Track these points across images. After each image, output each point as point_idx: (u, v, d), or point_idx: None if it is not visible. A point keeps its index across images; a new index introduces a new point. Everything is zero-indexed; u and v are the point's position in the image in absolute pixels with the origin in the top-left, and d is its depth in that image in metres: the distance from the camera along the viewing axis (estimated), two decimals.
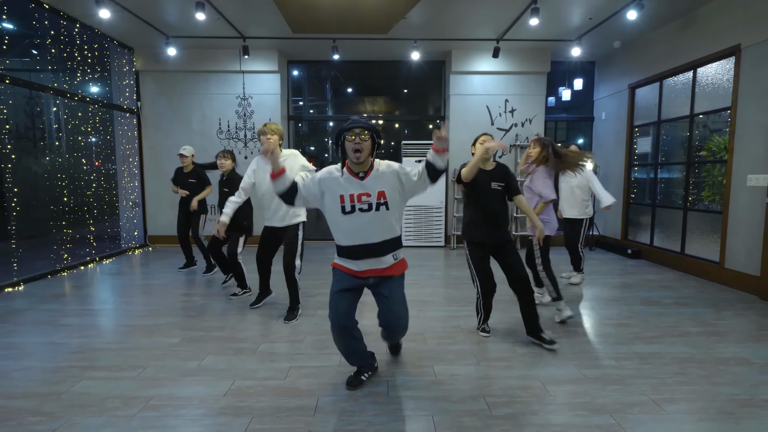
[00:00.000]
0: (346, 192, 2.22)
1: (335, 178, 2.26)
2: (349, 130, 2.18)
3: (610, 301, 4.10)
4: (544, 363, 2.76)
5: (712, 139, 5.26)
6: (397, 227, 2.35)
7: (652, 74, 5.96)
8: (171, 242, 7.17)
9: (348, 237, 2.28)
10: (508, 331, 3.32)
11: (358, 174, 2.24)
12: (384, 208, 2.23)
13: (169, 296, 4.25)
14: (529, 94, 7.05)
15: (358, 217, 2.22)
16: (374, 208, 2.22)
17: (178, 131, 7.03)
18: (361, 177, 2.24)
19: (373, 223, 2.24)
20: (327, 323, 3.38)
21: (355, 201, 2.21)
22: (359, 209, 2.22)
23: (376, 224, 2.24)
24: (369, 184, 2.23)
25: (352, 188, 2.22)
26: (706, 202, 5.35)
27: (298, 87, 8.14)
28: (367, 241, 2.26)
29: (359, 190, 2.22)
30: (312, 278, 4.78)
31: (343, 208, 2.23)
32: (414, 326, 3.39)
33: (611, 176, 6.99)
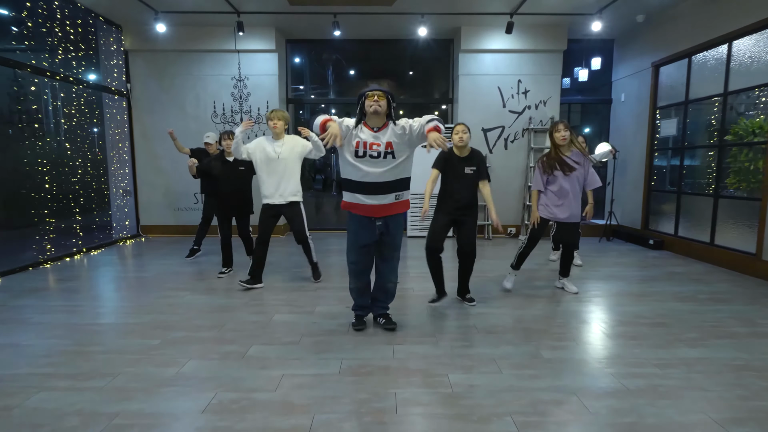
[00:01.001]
0: (361, 139, 2.64)
1: (356, 129, 2.67)
2: (368, 92, 2.62)
3: (640, 297, 3.72)
4: (576, 370, 2.39)
5: (739, 122, 4.83)
6: (404, 172, 2.74)
7: (680, 50, 5.49)
8: (165, 232, 6.83)
9: (360, 175, 2.66)
10: (527, 331, 2.94)
11: (373, 128, 2.66)
12: (390, 156, 2.63)
13: (155, 290, 3.91)
14: (543, 74, 6.59)
15: (367, 161, 2.63)
16: (382, 156, 2.62)
17: (171, 115, 6.63)
18: (375, 130, 2.65)
19: (380, 166, 2.63)
20: (327, 323, 3.06)
21: (366, 148, 2.62)
22: (369, 155, 2.62)
23: (383, 167, 2.64)
24: (380, 135, 2.64)
25: (365, 137, 2.64)
26: (731, 189, 4.93)
27: (300, 74, 7.73)
28: (376, 180, 2.64)
29: (371, 139, 2.63)
30: (307, 280, 4.42)
31: (356, 152, 2.63)
32: (424, 326, 3.02)
33: (631, 161, 6.55)
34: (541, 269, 4.71)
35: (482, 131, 6.68)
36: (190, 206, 6.76)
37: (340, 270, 4.63)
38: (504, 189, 6.70)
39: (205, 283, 4.14)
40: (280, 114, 3.76)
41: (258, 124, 6.61)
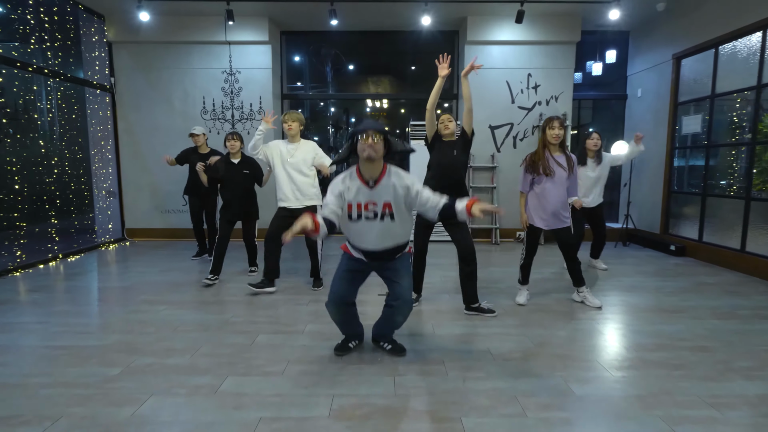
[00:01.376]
0: (354, 200, 2.25)
1: (347, 186, 2.27)
2: (362, 132, 2.17)
3: (672, 314, 3.29)
4: (616, 412, 1.96)
5: (764, 118, 4.42)
6: (405, 235, 2.38)
7: (705, 40, 5.07)
8: (152, 236, 6.42)
9: (356, 239, 2.35)
10: (551, 358, 2.52)
11: (368, 182, 2.24)
12: (389, 219, 2.26)
13: (128, 303, 3.49)
14: (555, 68, 6.17)
15: (363, 224, 2.27)
16: (379, 218, 2.25)
17: (158, 111, 6.23)
18: (371, 185, 2.24)
19: (378, 230, 2.27)
20: (318, 346, 2.62)
21: (362, 210, 2.25)
22: (365, 217, 2.25)
23: (382, 232, 2.28)
24: (377, 192, 2.24)
25: (360, 196, 2.25)
26: (755, 191, 4.53)
27: (296, 68, 7.34)
28: (373, 247, 2.31)
29: (366, 198, 2.24)
30: (298, 293, 4.00)
31: (350, 216, 2.27)
32: (429, 348, 2.60)
33: (649, 161, 6.12)
34: (558, 279, 4.28)
35: (489, 128, 6.26)
36: (178, 208, 6.34)
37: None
38: (512, 190, 6.26)
39: (185, 295, 3.73)
40: (295, 116, 3.69)
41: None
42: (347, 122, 9.32)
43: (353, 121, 9.56)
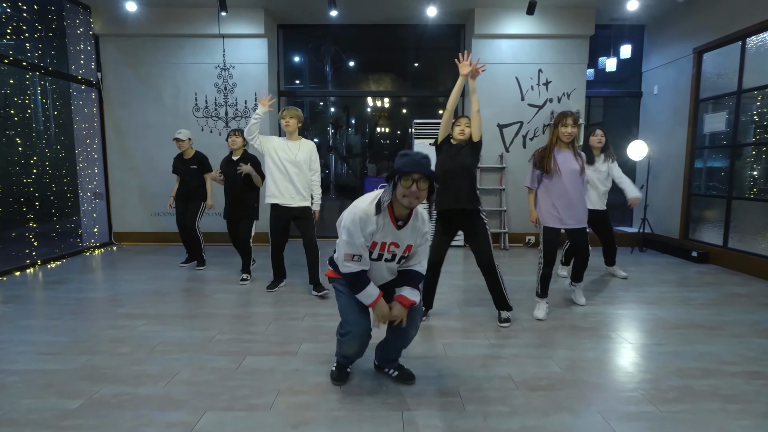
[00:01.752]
0: (379, 240, 1.95)
1: (380, 225, 1.92)
2: (407, 175, 1.80)
3: (710, 330, 2.94)
4: None
5: None
6: None
7: (731, 32, 4.73)
8: (141, 240, 6.08)
9: None
10: (584, 387, 2.17)
11: (398, 221, 1.95)
12: (403, 261, 2.08)
13: (105, 317, 3.15)
14: (567, 63, 5.84)
15: (379, 265, 2.04)
16: (396, 260, 2.04)
17: (148, 108, 5.89)
18: (400, 226, 1.96)
19: (389, 270, 2.08)
20: (312, 371, 2.16)
21: (385, 250, 1.98)
22: (384, 258, 2.02)
23: (392, 271, 2.10)
24: (403, 234, 1.98)
25: (386, 236, 1.95)
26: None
27: (298, 71, 7.03)
28: (379, 283, 2.08)
29: (392, 239, 1.97)
30: (294, 304, 3.67)
31: (370, 254, 1.98)
32: (441, 374, 2.25)
33: (667, 162, 5.78)
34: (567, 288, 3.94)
35: (497, 127, 5.92)
36: (168, 211, 5.99)
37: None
38: (522, 192, 5.93)
39: (169, 307, 3.38)
40: (293, 112, 3.55)
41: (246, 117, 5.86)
42: (347, 122, 8.98)
43: (353, 122, 9.23)
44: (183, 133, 4.49)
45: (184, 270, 4.61)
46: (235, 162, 4.05)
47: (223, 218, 4.39)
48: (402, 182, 1.80)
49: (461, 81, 2.85)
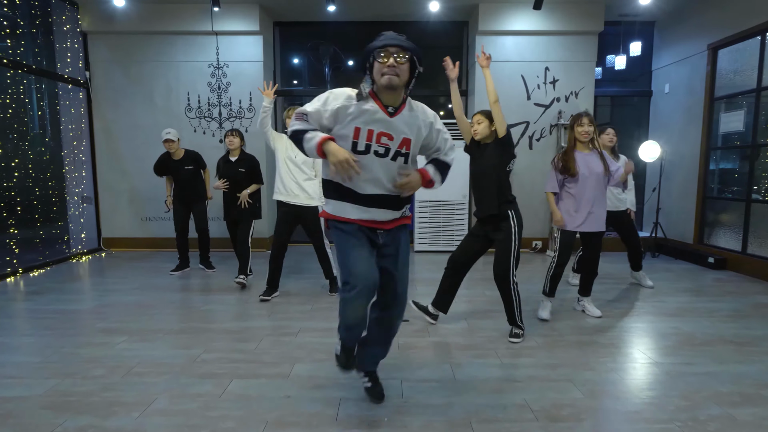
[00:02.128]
0: (365, 125, 1.68)
1: (354, 106, 1.68)
2: (382, 48, 1.64)
3: (740, 347, 2.69)
4: None
5: None
6: None
7: (748, 27, 4.50)
8: (131, 246, 5.83)
9: (358, 180, 1.72)
10: (610, 415, 1.92)
11: (387, 108, 1.70)
12: (402, 160, 1.77)
13: (83, 333, 2.90)
14: (575, 61, 5.61)
15: (370, 160, 1.72)
16: (390, 156, 1.73)
17: (139, 108, 5.66)
18: (391, 113, 1.70)
19: (384, 172, 1.74)
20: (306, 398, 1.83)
21: (372, 140, 1.70)
22: (374, 151, 1.71)
23: (387, 175, 1.75)
24: (396, 124, 1.71)
25: (374, 123, 1.69)
26: None
27: (296, 72, 6.84)
28: (371, 191, 1.75)
29: (382, 127, 1.70)
30: (288, 318, 3.43)
31: (355, 145, 1.70)
32: (450, 401, 1.99)
33: (680, 164, 5.54)
34: (595, 299, 3.69)
35: None
36: (160, 215, 5.76)
37: (332, 301, 3.63)
38: (528, 195, 5.69)
39: (153, 321, 3.13)
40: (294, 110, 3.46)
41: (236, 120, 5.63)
42: None
43: None
44: (172, 133, 4.27)
45: (174, 278, 4.36)
46: (233, 162, 4.04)
47: (222, 219, 4.35)
48: (380, 60, 1.63)
49: (454, 87, 2.77)
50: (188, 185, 4.42)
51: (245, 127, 5.64)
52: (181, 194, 4.44)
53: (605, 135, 3.89)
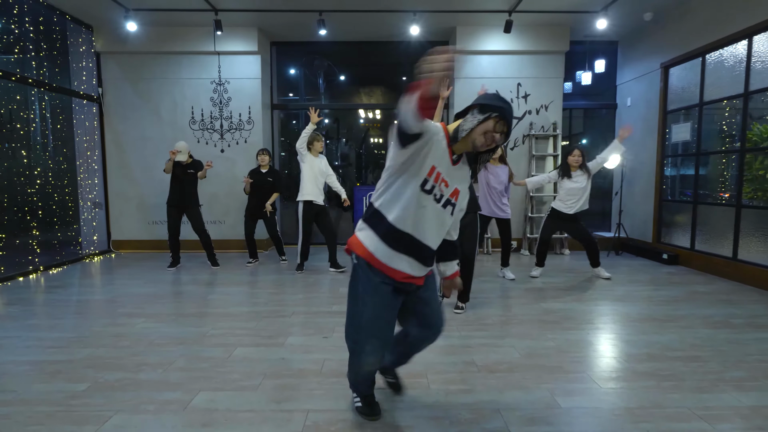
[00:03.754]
0: (436, 165, 1.61)
1: (439, 142, 1.61)
2: (501, 116, 1.57)
3: (664, 323, 3.21)
4: (604, 425, 1.88)
5: (752, 127, 4.43)
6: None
7: (692, 49, 5.09)
8: (139, 248, 6.31)
9: (412, 223, 1.64)
10: (538, 370, 2.43)
11: (453, 155, 1.65)
12: (450, 210, 1.70)
13: (105, 316, 3.38)
14: (544, 77, 6.18)
15: (430, 203, 1.64)
16: (442, 202, 1.67)
17: (146, 121, 6.18)
18: (455, 160, 1.66)
19: (437, 220, 1.68)
20: (290, 363, 2.47)
21: (437, 182, 1.63)
22: (434, 196, 1.64)
23: (438, 224, 1.70)
24: (455, 173, 1.67)
25: (441, 166, 1.62)
26: (746, 199, 4.51)
27: (292, 85, 7.38)
28: (421, 237, 1.67)
29: (445, 173, 1.63)
30: (278, 304, 3.91)
31: (425, 182, 1.61)
32: (413, 360, 2.49)
33: (640, 170, 6.10)
34: (548, 288, 4.21)
35: None
36: (165, 219, 6.22)
37: (324, 291, 4.13)
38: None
39: (165, 307, 3.61)
40: (320, 137, 4.87)
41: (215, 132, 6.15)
42: (338, 132, 9.28)
43: (344, 132, 9.54)
44: (182, 146, 4.85)
45: (180, 274, 4.85)
46: (263, 174, 5.20)
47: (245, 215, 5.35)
48: (490, 122, 1.56)
49: (441, 103, 3.39)
50: (188, 188, 4.97)
51: (244, 138, 6.17)
52: (177, 199, 4.97)
53: (571, 156, 4.52)
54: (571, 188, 4.45)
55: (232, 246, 6.27)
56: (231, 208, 6.24)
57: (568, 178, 4.48)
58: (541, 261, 4.66)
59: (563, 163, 4.57)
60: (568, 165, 4.52)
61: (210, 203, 6.22)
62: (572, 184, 4.45)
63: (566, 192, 4.48)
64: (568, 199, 4.48)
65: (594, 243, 4.58)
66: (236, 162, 6.20)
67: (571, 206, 4.49)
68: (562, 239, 6.15)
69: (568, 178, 4.48)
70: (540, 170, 6.17)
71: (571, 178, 4.47)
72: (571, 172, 4.50)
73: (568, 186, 4.46)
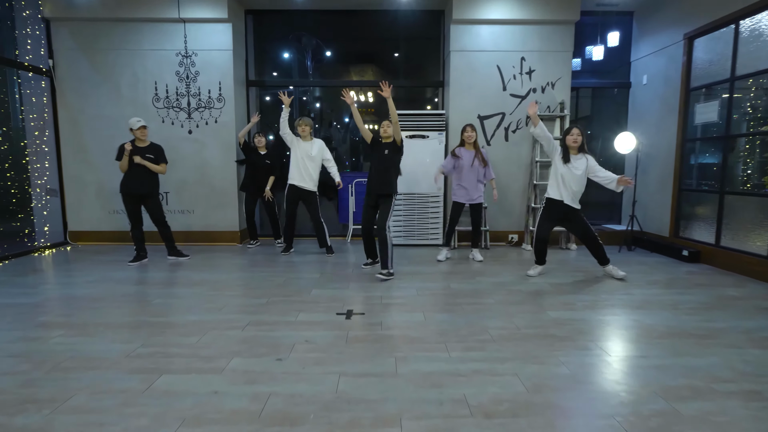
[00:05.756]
0: None
1: None
2: None
3: (701, 340, 2.61)
4: None
5: None
6: None
7: (722, 16, 4.42)
8: (99, 239, 5.68)
9: None
10: (558, 413, 1.83)
11: None
12: None
13: (20, 327, 2.76)
14: (552, 51, 5.50)
15: None
16: None
17: (104, 97, 5.49)
18: None
19: None
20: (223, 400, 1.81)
21: None
22: None
23: None
24: None
25: None
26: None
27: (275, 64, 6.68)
28: None
29: None
30: (236, 311, 3.32)
31: None
32: (386, 397, 1.89)
33: (656, 156, 5.47)
34: (554, 291, 3.60)
35: (478, 119, 5.58)
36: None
37: (287, 295, 3.52)
38: (504, 187, 5.61)
39: (98, 314, 3.00)
40: (307, 121, 4.80)
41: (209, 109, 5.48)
42: (321, 114, 8.61)
43: (330, 113, 8.87)
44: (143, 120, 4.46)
45: (136, 271, 4.24)
46: (262, 156, 5.31)
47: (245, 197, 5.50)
48: None
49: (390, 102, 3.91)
50: (145, 174, 4.44)
51: (215, 117, 5.50)
52: (134, 186, 4.40)
53: (569, 136, 3.92)
54: (572, 175, 3.85)
55: (200, 238, 5.65)
56: (200, 196, 5.60)
57: (566, 162, 3.87)
58: (541, 259, 4.06)
59: (563, 146, 3.95)
60: (566, 147, 3.91)
61: (178, 191, 5.58)
62: (570, 170, 3.85)
63: (567, 179, 3.86)
64: (569, 188, 3.88)
65: (596, 238, 3.99)
66: (206, 144, 5.54)
67: (574, 196, 3.89)
68: (566, 232, 5.54)
69: (566, 162, 3.87)
70: (544, 155, 5.54)
71: (569, 163, 3.86)
72: (570, 155, 3.89)
73: (564, 172, 3.86)
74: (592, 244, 4.00)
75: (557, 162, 3.94)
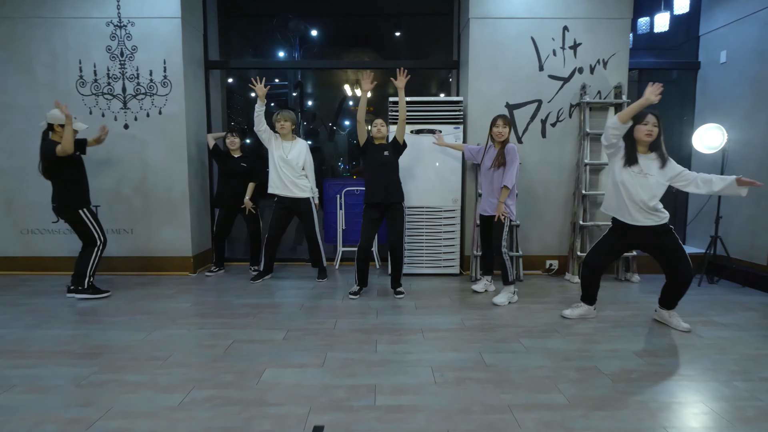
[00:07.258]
0: None
1: None
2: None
3: None
4: None
5: None
6: None
7: None
8: (9, 268, 4.35)
9: None
10: None
11: None
12: None
13: None
14: (604, 18, 4.17)
15: None
16: None
17: (12, 81, 4.18)
18: None
19: None
20: None
21: None
22: None
23: None
24: None
25: None
26: None
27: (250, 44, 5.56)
28: None
29: None
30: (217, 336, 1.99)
31: None
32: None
33: (747, 158, 4.12)
34: (605, 338, 2.23)
35: (506, 108, 4.24)
36: (46, 227, 4.28)
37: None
38: (542, 197, 4.27)
39: None
40: (287, 115, 3.85)
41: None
42: (302, 104, 7.28)
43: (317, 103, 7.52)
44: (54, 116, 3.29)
45: (60, 302, 2.88)
46: (235, 159, 4.20)
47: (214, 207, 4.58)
48: None
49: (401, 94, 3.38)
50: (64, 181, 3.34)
51: (158, 107, 4.17)
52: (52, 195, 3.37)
53: (643, 126, 2.65)
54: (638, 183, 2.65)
55: (139, 266, 4.30)
56: (139, 210, 4.26)
57: (633, 164, 2.66)
58: (589, 296, 2.80)
59: (628, 142, 2.70)
60: (634, 143, 2.67)
61: (110, 204, 4.25)
62: (636, 176, 2.66)
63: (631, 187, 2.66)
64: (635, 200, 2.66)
65: (690, 276, 2.65)
66: (147, 143, 4.21)
67: (650, 213, 2.66)
68: (628, 258, 4.17)
69: (630, 164, 2.66)
70: (595, 155, 4.19)
71: (636, 165, 2.65)
72: (637, 154, 2.66)
73: (626, 178, 2.67)
74: (681, 279, 2.69)
75: (616, 165, 2.70)
